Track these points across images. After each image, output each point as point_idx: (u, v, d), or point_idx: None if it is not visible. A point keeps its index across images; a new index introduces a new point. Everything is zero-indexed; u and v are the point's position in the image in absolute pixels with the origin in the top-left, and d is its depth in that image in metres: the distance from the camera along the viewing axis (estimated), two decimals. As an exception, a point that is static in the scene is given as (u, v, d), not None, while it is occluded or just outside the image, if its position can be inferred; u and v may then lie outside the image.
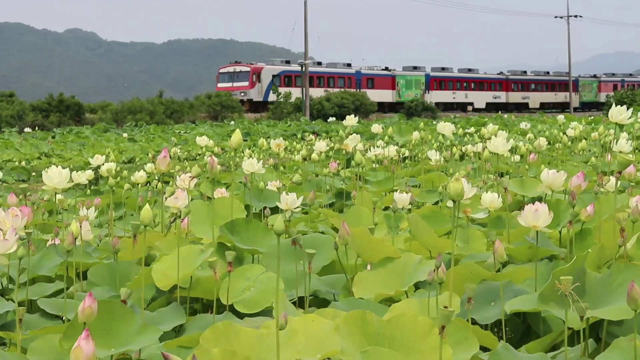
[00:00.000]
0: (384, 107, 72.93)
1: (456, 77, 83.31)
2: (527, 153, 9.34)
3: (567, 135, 10.59)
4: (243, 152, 12.06)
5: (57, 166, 4.90)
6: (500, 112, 71.95)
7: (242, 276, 4.07)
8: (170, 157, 3.93)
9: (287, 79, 70.44)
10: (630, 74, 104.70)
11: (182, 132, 40.59)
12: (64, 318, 4.01)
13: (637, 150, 10.81)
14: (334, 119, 45.09)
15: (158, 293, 4.35)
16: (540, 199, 6.43)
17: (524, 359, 2.91)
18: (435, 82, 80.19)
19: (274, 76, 69.50)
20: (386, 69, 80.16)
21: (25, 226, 4.09)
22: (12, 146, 31.06)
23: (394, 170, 8.83)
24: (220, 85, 69.22)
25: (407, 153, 12.55)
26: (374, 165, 10.74)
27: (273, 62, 73.26)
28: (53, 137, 38.31)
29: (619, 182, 4.00)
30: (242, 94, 67.47)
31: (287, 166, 12.58)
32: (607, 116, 4.61)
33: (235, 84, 68.41)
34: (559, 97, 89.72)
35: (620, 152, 5.64)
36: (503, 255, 3.45)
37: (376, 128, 11.45)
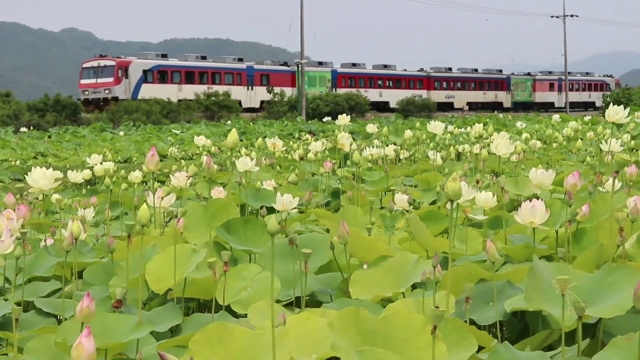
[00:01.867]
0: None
1: (368, 73, 77.35)
2: (523, 153, 9.35)
3: (562, 135, 10.60)
4: (240, 152, 12.04)
5: (51, 167, 4.88)
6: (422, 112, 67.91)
7: (239, 276, 4.06)
8: (167, 157, 3.92)
9: (162, 74, 64.13)
10: (569, 73, 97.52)
11: (178, 131, 40.56)
12: (60, 318, 4.00)
13: (634, 150, 10.81)
14: (329, 118, 45.10)
15: (154, 293, 4.34)
16: (535, 199, 6.43)
17: (523, 357, 2.90)
18: (344, 79, 74.52)
19: (145, 71, 62.93)
20: (285, 64, 74.75)
21: (22, 225, 4.07)
22: (8, 146, 31.01)
23: (387, 170, 8.81)
24: (83, 81, 62.51)
25: (403, 152, 12.54)
26: (369, 164, 10.74)
27: (146, 56, 66.45)
28: (49, 137, 38.25)
29: (617, 182, 4.00)
30: (107, 91, 61.02)
31: (283, 165, 12.58)
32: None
33: (100, 80, 61.60)
34: (489, 96, 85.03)
35: (616, 152, 5.63)
36: (495, 254, 3.45)
37: (371, 128, 11.45)
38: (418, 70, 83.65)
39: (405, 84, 78.71)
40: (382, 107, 73.67)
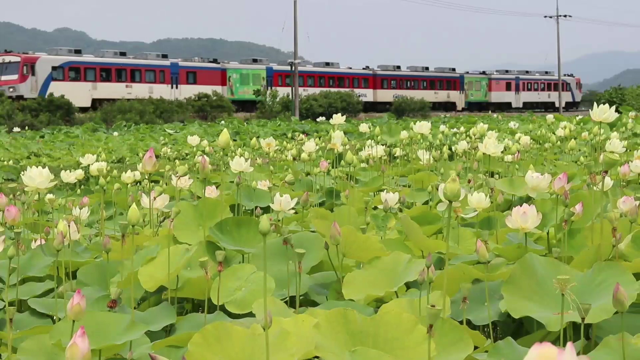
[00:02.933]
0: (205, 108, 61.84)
1: (307, 71, 73.68)
2: (518, 153, 9.36)
3: (556, 135, 10.62)
4: (234, 152, 12.04)
5: (43, 166, 4.88)
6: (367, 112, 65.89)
7: (233, 276, 4.06)
8: (159, 157, 3.92)
9: (74, 71, 59.98)
10: (527, 71, 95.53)
11: (172, 131, 40.54)
12: (54, 317, 4.00)
13: (627, 150, 10.83)
14: (323, 118, 45.12)
15: (147, 293, 4.34)
16: (528, 199, 6.44)
17: (524, 352, 2.91)
18: (280, 77, 71.10)
19: (54, 68, 58.84)
20: (214, 61, 71.24)
21: (15, 226, 4.07)
22: (1, 146, 30.97)
23: (384, 169, 8.82)
24: None
25: (397, 152, 12.56)
26: (362, 164, 10.75)
27: (57, 52, 61.59)
28: (42, 137, 38.21)
29: (607, 181, 4.00)
30: (11, 89, 56.69)
31: (277, 165, 12.59)
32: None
33: (4, 78, 57.49)
34: (440, 96, 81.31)
35: (612, 151, 5.64)
36: (485, 255, 3.45)
37: (364, 127, 11.47)
38: (363, 68, 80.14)
39: (349, 83, 75.52)
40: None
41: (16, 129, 42.52)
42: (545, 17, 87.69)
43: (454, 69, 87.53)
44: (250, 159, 5.80)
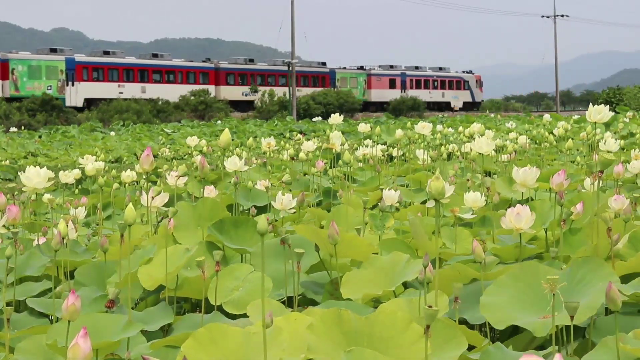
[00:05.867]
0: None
1: (126, 64, 63.76)
2: (515, 153, 9.38)
3: (553, 135, 10.63)
4: (233, 152, 12.05)
5: (41, 166, 4.88)
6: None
7: (231, 276, 4.07)
8: (157, 157, 3.93)
9: None
10: (417, 67, 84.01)
11: (170, 131, 40.53)
12: (51, 317, 4.01)
13: (623, 150, 10.85)
14: (319, 118, 45.16)
15: (145, 293, 4.35)
16: (527, 199, 6.45)
17: (515, 357, 2.91)
18: (86, 71, 60.85)
19: None
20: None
21: (13, 225, 4.08)
22: (-2, 145, 30.96)
23: (379, 169, 8.82)
24: None
25: (395, 152, 12.56)
26: (359, 164, 10.76)
27: None
28: (39, 137, 38.17)
29: (601, 182, 4.00)
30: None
31: (274, 165, 12.59)
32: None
33: None
34: (305, 94, 69.70)
35: (609, 151, 5.66)
36: (482, 255, 3.46)
37: (363, 127, 11.47)
38: (204, 61, 71.18)
39: (183, 78, 66.38)
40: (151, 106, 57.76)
41: (13, 129, 42.47)
42: (543, 17, 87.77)
43: (324, 63, 77.86)
44: (246, 158, 5.81)
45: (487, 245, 4.44)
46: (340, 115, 9.03)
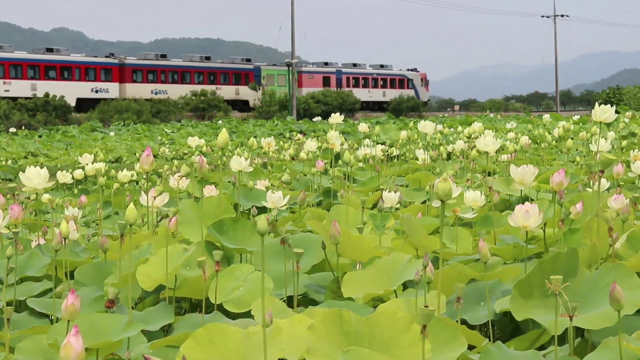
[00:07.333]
0: None
1: (17, 59, 58.58)
2: (515, 153, 9.38)
3: (552, 135, 10.62)
4: (232, 152, 12.05)
5: (41, 166, 4.88)
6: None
7: (231, 275, 4.07)
8: (157, 157, 3.93)
9: None
10: (355, 64, 78.17)
11: (169, 131, 40.52)
12: (52, 317, 4.01)
13: (623, 150, 10.84)
14: (319, 118, 45.16)
15: (146, 292, 4.35)
16: (526, 198, 6.45)
17: (515, 356, 2.91)
18: None
19: None
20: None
21: (15, 225, 4.08)
22: (-2, 145, 30.96)
23: (379, 169, 8.83)
24: None
25: (395, 152, 12.56)
26: (360, 164, 10.76)
27: None
28: (39, 137, 38.18)
29: (603, 181, 4.01)
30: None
31: (274, 165, 12.59)
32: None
33: None
34: (226, 92, 66.18)
35: (609, 151, 5.66)
36: (487, 254, 3.46)
37: (363, 127, 11.48)
38: (106, 56, 65.16)
39: (81, 75, 61.37)
40: (46, 106, 53.26)
41: (12, 129, 42.47)
42: (543, 16, 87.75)
43: (248, 60, 72.90)
44: (249, 158, 5.81)
45: (486, 244, 4.44)
46: (340, 114, 9.03)
